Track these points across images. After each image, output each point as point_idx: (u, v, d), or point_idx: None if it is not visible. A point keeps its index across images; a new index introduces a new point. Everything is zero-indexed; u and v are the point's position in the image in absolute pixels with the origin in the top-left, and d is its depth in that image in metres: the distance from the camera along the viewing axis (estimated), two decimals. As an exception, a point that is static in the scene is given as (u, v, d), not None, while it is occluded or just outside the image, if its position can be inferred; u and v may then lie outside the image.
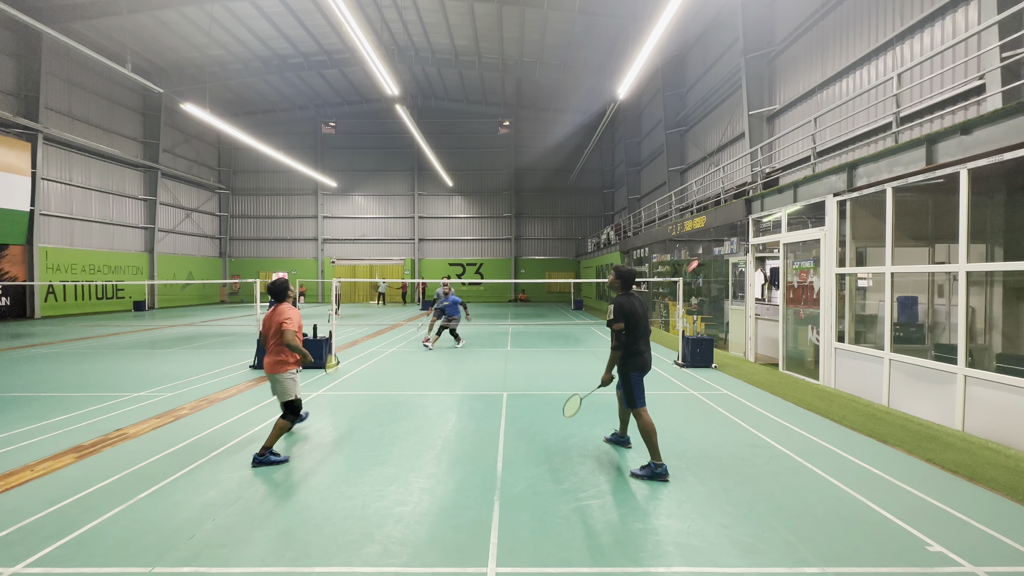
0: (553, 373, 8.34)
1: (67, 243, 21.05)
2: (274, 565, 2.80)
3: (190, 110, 16.86)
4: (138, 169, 24.92)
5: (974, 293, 6.60)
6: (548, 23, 20.39)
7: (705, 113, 18.15)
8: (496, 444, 4.83)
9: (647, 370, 4.11)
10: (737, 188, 13.79)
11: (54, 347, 11.38)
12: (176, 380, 7.74)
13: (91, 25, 19.68)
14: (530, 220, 32.54)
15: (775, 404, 6.35)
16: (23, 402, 6.40)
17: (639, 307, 4.06)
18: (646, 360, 4.09)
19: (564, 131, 30.58)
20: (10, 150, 17.94)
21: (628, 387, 4.11)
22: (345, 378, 7.93)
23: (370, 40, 11.60)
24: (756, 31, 13.80)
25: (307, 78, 26.88)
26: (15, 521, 3.28)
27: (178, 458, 4.42)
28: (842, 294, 7.26)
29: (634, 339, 4.02)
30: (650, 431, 3.99)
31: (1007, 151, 4.71)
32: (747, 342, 9.68)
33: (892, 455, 4.52)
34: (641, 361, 4.06)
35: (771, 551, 2.94)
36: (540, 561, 2.84)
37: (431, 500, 3.61)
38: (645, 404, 4.10)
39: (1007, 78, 6.82)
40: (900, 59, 9.37)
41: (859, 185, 6.76)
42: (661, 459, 3.98)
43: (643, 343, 4.09)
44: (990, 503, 3.56)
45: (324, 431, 5.23)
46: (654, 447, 3.98)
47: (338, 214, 31.98)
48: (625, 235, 21.86)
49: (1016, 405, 4.64)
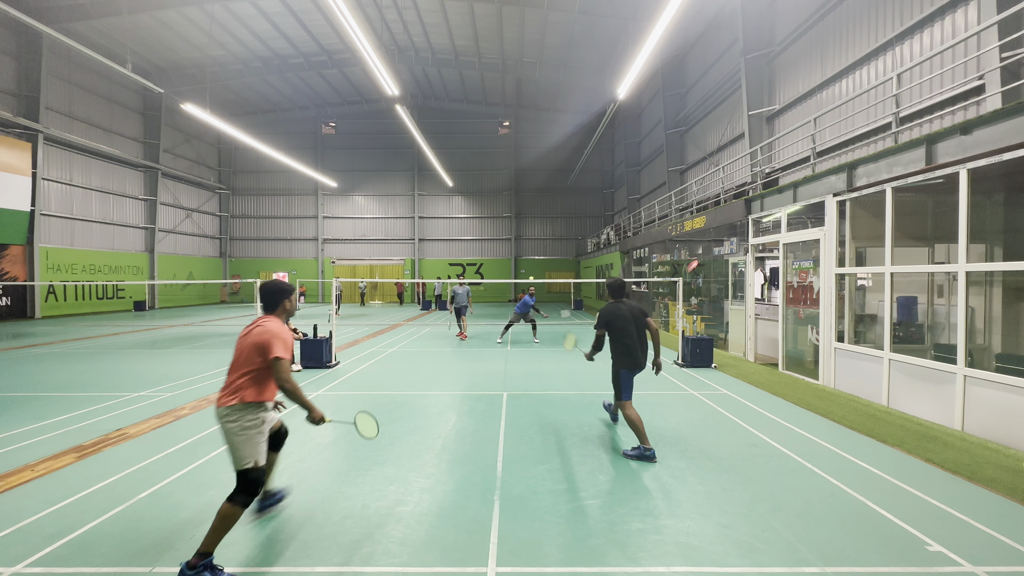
0: (553, 373, 8.34)
1: (67, 243, 21.07)
2: (274, 565, 2.80)
3: (190, 110, 16.87)
4: (138, 169, 24.94)
5: (974, 293, 6.61)
6: (548, 23, 20.40)
7: (705, 113, 18.16)
8: (496, 444, 4.83)
9: (637, 368, 4.53)
10: (737, 188, 13.79)
11: (54, 347, 11.39)
12: (176, 380, 7.74)
13: (91, 25, 19.69)
14: (530, 220, 32.54)
15: (775, 404, 6.35)
16: (23, 402, 6.41)
17: (626, 312, 4.55)
18: (637, 360, 4.52)
19: (564, 131, 30.59)
20: (10, 150, 17.95)
21: (616, 382, 4.56)
22: (345, 378, 7.93)
23: (370, 40, 11.60)
24: (756, 31, 13.80)
25: (307, 78, 26.90)
26: (15, 521, 3.28)
27: (178, 458, 4.42)
28: (842, 294, 7.26)
29: (621, 340, 4.52)
30: (635, 421, 4.39)
31: (1007, 151, 4.72)
32: (747, 342, 9.68)
33: (892, 455, 4.52)
34: (629, 360, 4.51)
35: (771, 551, 2.94)
36: (540, 561, 2.84)
37: (431, 500, 3.61)
38: (630, 399, 4.54)
39: (1007, 78, 6.83)
40: (900, 59, 9.37)
41: (859, 185, 6.76)
42: (649, 444, 4.36)
43: (634, 343, 4.51)
44: (990, 503, 3.56)
45: (324, 431, 5.23)
46: (641, 435, 4.37)
47: (338, 214, 31.99)
48: (625, 235, 21.86)
49: (1016, 405, 4.64)
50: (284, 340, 2.83)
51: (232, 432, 2.76)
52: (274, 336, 2.80)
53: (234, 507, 2.71)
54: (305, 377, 7.96)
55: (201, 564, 2.59)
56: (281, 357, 2.78)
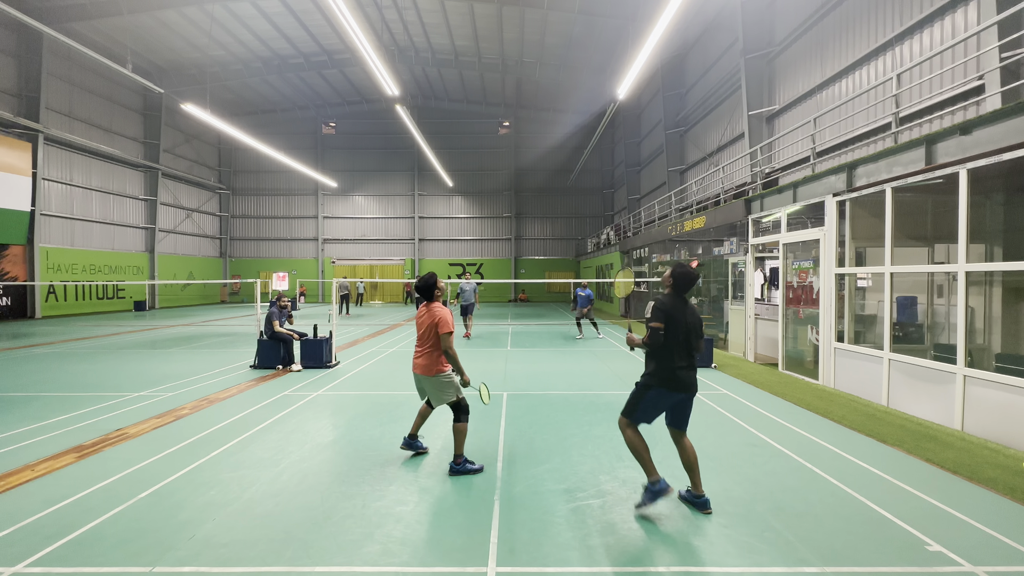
0: (553, 373, 8.34)
1: (68, 243, 21.06)
2: (274, 565, 2.80)
3: (190, 110, 16.87)
4: (139, 169, 24.93)
5: (973, 293, 6.61)
6: (548, 23, 20.40)
7: (705, 113, 18.16)
8: (496, 444, 4.83)
9: (680, 391, 3.37)
10: (737, 188, 13.79)
11: (55, 347, 11.39)
12: (176, 380, 7.74)
13: (91, 25, 19.69)
14: (530, 220, 32.54)
15: (775, 404, 6.35)
16: (23, 402, 6.41)
17: (688, 315, 3.40)
18: (680, 378, 3.34)
19: (564, 131, 30.58)
20: (11, 150, 17.95)
21: (637, 394, 3.46)
22: (345, 378, 7.94)
23: (370, 40, 11.61)
24: (756, 31, 13.80)
25: (307, 78, 26.90)
26: (15, 521, 3.28)
27: (178, 458, 4.42)
28: (841, 294, 7.26)
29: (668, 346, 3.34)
30: (636, 447, 3.41)
31: (1006, 151, 4.72)
32: (747, 342, 9.68)
33: (891, 455, 4.52)
34: (671, 376, 3.33)
35: (771, 551, 2.95)
36: (540, 561, 2.85)
37: (431, 500, 3.61)
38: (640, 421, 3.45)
39: (1006, 78, 6.83)
40: (899, 59, 9.37)
41: (858, 185, 6.76)
42: (657, 474, 3.36)
43: (679, 356, 3.36)
44: (989, 503, 3.56)
45: (324, 431, 5.24)
46: (646, 464, 3.39)
47: (338, 214, 31.99)
48: (625, 235, 21.86)
49: (1015, 405, 4.64)
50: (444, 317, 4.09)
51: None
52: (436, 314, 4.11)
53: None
54: (305, 377, 7.96)
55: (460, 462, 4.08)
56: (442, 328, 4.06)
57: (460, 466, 4.06)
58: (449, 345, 4.03)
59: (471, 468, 4.09)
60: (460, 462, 4.07)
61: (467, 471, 4.07)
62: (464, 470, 4.06)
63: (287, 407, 6.16)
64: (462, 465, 4.06)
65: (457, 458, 4.09)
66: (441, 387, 4.14)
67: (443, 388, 4.14)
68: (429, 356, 4.12)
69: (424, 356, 4.14)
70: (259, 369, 8.60)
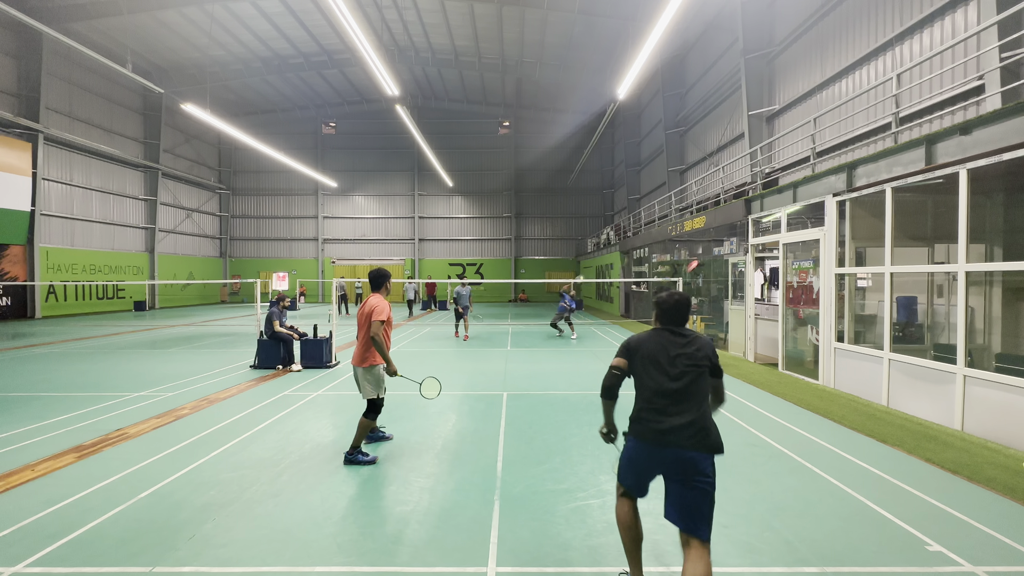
0: (553, 373, 8.35)
1: (68, 243, 21.06)
2: (274, 565, 2.80)
3: (191, 110, 16.87)
4: (139, 169, 24.93)
5: (973, 293, 6.61)
6: (548, 23, 20.39)
7: (705, 113, 18.16)
8: (496, 444, 4.83)
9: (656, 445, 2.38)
10: (737, 188, 13.79)
11: (55, 347, 11.39)
12: (176, 380, 7.74)
13: (91, 25, 19.69)
14: (530, 220, 32.53)
15: (775, 404, 6.35)
16: (23, 402, 6.41)
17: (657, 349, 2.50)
18: (647, 422, 2.41)
19: (564, 131, 30.57)
20: (11, 150, 17.95)
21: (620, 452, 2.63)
22: (345, 378, 7.94)
23: (370, 40, 11.61)
24: (756, 31, 13.80)
25: (307, 78, 26.89)
26: (15, 521, 3.28)
27: (178, 458, 4.42)
28: (841, 294, 7.26)
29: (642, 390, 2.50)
30: (618, 524, 2.59)
31: (1006, 151, 4.72)
32: (747, 342, 9.68)
33: (891, 455, 4.52)
34: (637, 418, 2.47)
35: (771, 551, 2.95)
36: (540, 561, 2.85)
37: (431, 500, 3.61)
38: (623, 484, 2.58)
39: (1006, 78, 6.83)
40: (899, 59, 9.37)
41: (858, 185, 6.77)
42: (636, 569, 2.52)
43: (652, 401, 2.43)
44: (989, 503, 3.56)
45: (324, 431, 5.24)
46: (625, 552, 2.56)
47: (338, 214, 31.99)
48: (625, 235, 21.86)
49: (1015, 405, 4.64)
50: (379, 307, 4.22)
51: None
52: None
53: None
54: (305, 377, 7.96)
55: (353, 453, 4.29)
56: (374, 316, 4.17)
57: (353, 456, 4.28)
58: (376, 332, 4.12)
59: (363, 460, 4.28)
60: (353, 453, 4.29)
61: (359, 462, 4.26)
62: (356, 460, 4.27)
63: (287, 407, 6.16)
64: (355, 456, 4.28)
65: (352, 449, 4.30)
66: (366, 379, 4.29)
67: (367, 380, 4.29)
68: (362, 346, 4.30)
69: (359, 346, 4.33)
70: (259, 369, 8.60)
